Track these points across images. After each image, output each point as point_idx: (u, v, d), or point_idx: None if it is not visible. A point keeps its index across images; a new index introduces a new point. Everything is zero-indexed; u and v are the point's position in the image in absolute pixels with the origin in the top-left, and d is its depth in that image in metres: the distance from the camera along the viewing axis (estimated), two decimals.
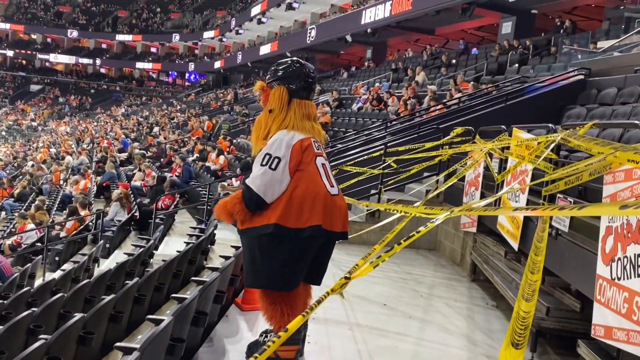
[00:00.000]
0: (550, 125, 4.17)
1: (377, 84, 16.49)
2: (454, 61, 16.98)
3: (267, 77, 3.04)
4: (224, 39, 39.32)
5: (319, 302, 1.36)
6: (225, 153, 13.16)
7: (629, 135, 5.14)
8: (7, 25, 51.16)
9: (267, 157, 2.80)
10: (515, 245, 4.30)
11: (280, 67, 3.01)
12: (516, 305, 1.61)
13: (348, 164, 7.20)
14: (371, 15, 21.37)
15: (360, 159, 7.42)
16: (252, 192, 2.76)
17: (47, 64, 53.20)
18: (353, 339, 3.72)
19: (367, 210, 6.69)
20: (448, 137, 6.88)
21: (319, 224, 2.76)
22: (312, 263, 2.89)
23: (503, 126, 5.26)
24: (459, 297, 5.01)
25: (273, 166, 2.77)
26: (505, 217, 4.50)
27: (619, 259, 2.63)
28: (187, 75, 49.15)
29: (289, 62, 3.05)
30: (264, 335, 3.08)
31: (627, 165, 2.44)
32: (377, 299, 4.67)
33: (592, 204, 0.95)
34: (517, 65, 12.94)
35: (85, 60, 52.16)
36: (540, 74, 11.12)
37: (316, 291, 3.16)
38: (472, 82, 11.43)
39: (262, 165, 2.79)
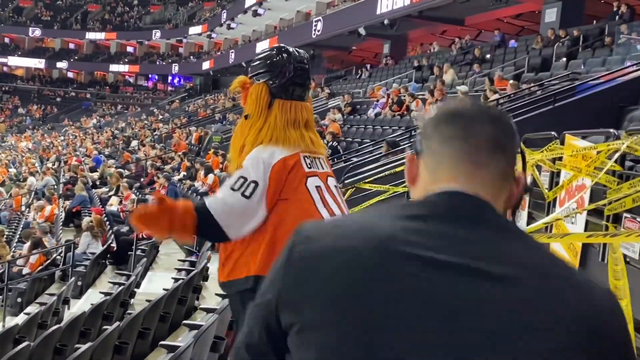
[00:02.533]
0: (611, 130, 4.17)
1: (394, 85, 16.54)
2: (488, 56, 17.04)
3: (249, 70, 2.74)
4: (213, 35, 39.72)
5: None
6: (218, 170, 13.22)
7: None
8: None
9: (241, 180, 2.47)
10: None
11: (261, 58, 2.69)
12: None
13: (365, 181, 7.19)
14: (388, 3, 21.55)
15: (381, 175, 7.42)
16: (213, 221, 2.40)
17: (4, 68, 53.95)
18: None
19: None
20: None
21: None
22: None
23: (553, 132, 5.25)
24: None
25: (247, 193, 2.44)
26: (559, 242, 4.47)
27: None
28: (170, 78, 49.64)
29: (273, 50, 2.71)
30: None
31: None
32: None
33: None
34: (564, 59, 12.97)
35: (49, 64, 52.83)
36: (593, 69, 11.13)
37: None
38: (511, 81, 11.45)
39: (232, 189, 2.46)
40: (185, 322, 4.46)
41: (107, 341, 3.83)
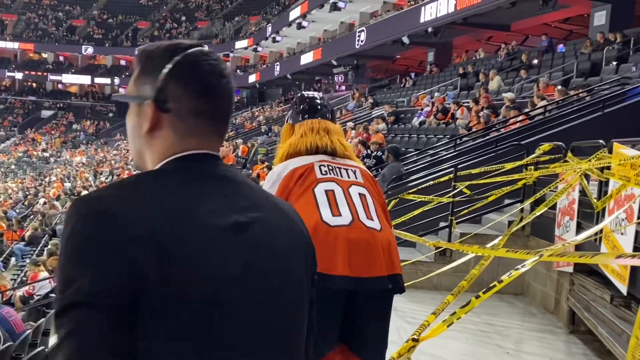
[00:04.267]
0: None
1: (436, 94, 16.41)
2: (535, 61, 16.75)
3: None
4: (259, 49, 40.25)
5: None
6: (263, 182, 13.34)
7: None
8: (16, 45, 54.17)
9: None
10: (623, 288, 4.14)
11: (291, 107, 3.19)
12: (634, 335, 1.55)
13: (409, 191, 7.16)
14: (432, 11, 21.43)
15: (425, 185, 7.37)
16: None
17: (59, 85, 55.86)
18: None
19: (437, 248, 6.61)
20: (533, 155, 6.75)
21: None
22: (348, 324, 2.52)
23: (601, 140, 5.13)
24: (554, 354, 4.85)
25: None
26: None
27: None
28: None
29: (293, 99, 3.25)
30: None
31: None
32: (452, 357, 4.59)
33: None
34: (614, 63, 12.62)
35: (101, 80, 54.42)
36: None
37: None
38: (558, 87, 11.22)
39: None
40: None
41: None
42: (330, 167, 2.75)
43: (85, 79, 54.71)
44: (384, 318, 2.55)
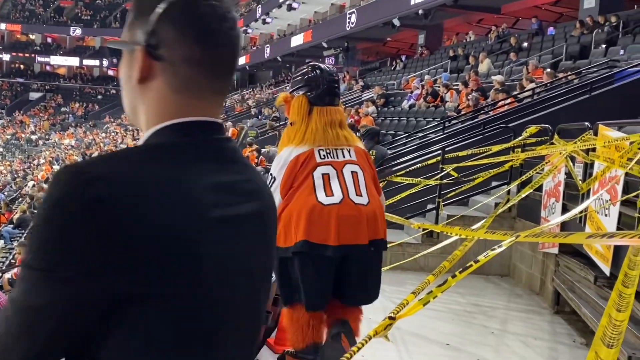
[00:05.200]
0: None
1: (426, 77, 16.39)
2: (525, 44, 16.74)
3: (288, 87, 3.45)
4: (249, 30, 39.92)
5: (359, 348, 1.37)
6: (254, 164, 13.33)
7: None
8: (3, 26, 53.52)
9: (270, 177, 3.24)
10: (606, 269, 4.19)
11: (299, 75, 3.38)
12: (606, 314, 1.58)
13: (398, 174, 7.17)
14: None
15: (413, 167, 7.39)
16: None
17: (47, 67, 55.30)
18: None
19: (424, 229, 6.65)
20: (520, 137, 6.77)
21: (303, 239, 3.08)
22: (350, 280, 3.19)
23: (587, 123, 5.16)
24: (538, 334, 4.91)
25: (272, 187, 3.17)
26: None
27: None
28: None
29: (308, 68, 3.40)
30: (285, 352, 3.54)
31: None
32: (437, 338, 4.63)
33: None
34: (603, 46, 12.65)
35: (90, 62, 53.92)
36: (633, 55, 10.83)
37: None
38: (547, 70, 11.23)
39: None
40: None
41: None
42: (327, 151, 3.19)
43: (74, 61, 54.19)
44: (368, 272, 3.21)
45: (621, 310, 1.44)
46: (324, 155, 3.19)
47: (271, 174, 3.23)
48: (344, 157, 3.21)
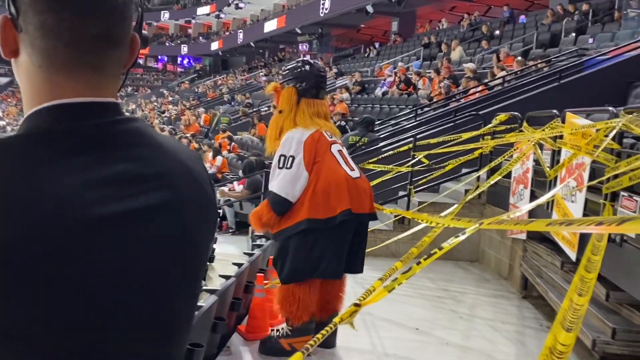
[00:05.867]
0: (610, 108, 4.15)
1: (400, 64, 16.43)
2: (497, 32, 16.86)
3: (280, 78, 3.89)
4: (222, 15, 39.54)
5: (323, 335, 1.38)
6: (226, 152, 13.26)
7: None
8: None
9: (282, 158, 3.51)
10: (572, 255, 4.27)
11: (289, 69, 3.76)
12: (567, 298, 1.61)
13: (370, 161, 7.20)
14: None
15: (385, 154, 7.42)
16: (277, 196, 3.46)
17: None
18: None
19: (395, 216, 6.69)
20: (490, 125, 6.84)
21: (349, 207, 3.46)
22: (349, 251, 3.59)
23: (555, 111, 5.23)
24: (506, 318, 4.99)
25: (289, 165, 3.47)
26: None
27: None
28: (179, 59, 49.56)
29: (299, 62, 3.79)
30: (276, 329, 3.78)
31: None
32: (408, 323, 4.69)
33: (630, 218, 0.96)
34: (573, 34, 12.80)
35: None
36: (602, 44, 10.99)
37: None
38: (517, 58, 11.34)
39: (279, 167, 3.51)
40: None
41: None
42: (329, 133, 3.64)
43: None
44: (365, 242, 3.77)
45: (582, 295, 1.48)
46: (330, 135, 3.62)
47: (283, 155, 3.51)
48: (330, 138, 3.64)
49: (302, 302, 3.57)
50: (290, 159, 3.48)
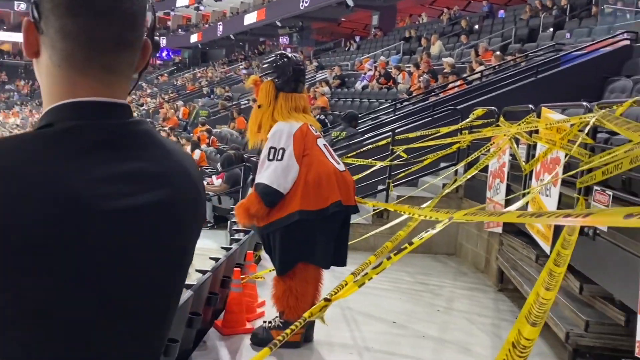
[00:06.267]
0: (584, 103, 4.19)
1: (381, 58, 16.45)
2: (476, 27, 16.95)
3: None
4: (201, 8, 39.26)
5: (292, 330, 1.38)
6: (205, 145, 13.18)
7: None
8: None
9: (272, 150, 3.52)
10: (547, 248, 4.32)
11: (267, 62, 3.78)
12: (534, 292, 1.63)
13: (349, 155, 7.20)
14: None
15: (364, 149, 7.43)
16: (268, 188, 3.48)
17: None
18: None
19: (374, 210, 6.71)
20: (467, 120, 6.88)
21: (339, 199, 3.53)
22: (335, 243, 3.65)
23: (530, 105, 5.27)
24: (482, 311, 5.05)
25: (279, 157, 3.49)
26: None
27: None
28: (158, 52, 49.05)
29: (276, 56, 3.80)
30: (268, 321, 3.82)
31: None
32: (385, 316, 4.71)
33: (597, 211, 0.97)
34: (551, 30, 12.91)
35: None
36: (579, 39, 11.09)
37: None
38: (496, 52, 11.41)
39: (269, 160, 3.52)
40: None
41: None
42: (313, 127, 3.67)
43: (19, 37, 52.08)
44: (348, 235, 3.85)
45: (550, 289, 1.49)
46: (315, 130, 3.67)
47: (273, 148, 3.52)
48: (315, 132, 3.69)
49: (299, 295, 3.64)
50: (281, 151, 3.50)
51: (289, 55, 3.85)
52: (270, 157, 3.52)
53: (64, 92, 0.90)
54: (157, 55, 50.44)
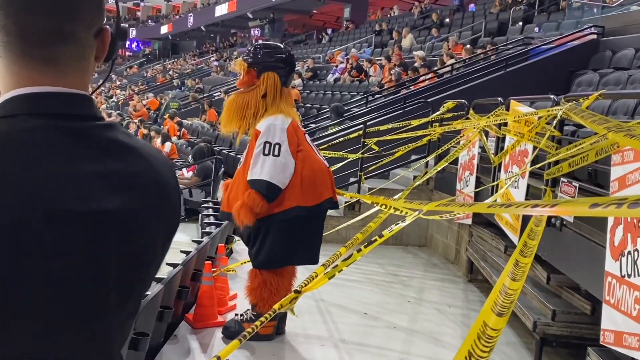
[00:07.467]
0: (552, 96, 4.25)
1: (352, 51, 16.47)
2: (447, 20, 17.05)
3: (248, 57, 3.61)
4: None
5: (262, 322, 1.38)
6: (175, 137, 13.06)
7: None
8: None
9: (267, 145, 3.46)
10: (515, 239, 4.38)
11: (275, 53, 3.67)
12: (499, 282, 1.65)
13: (321, 147, 7.20)
14: None
15: (336, 141, 7.44)
16: (270, 183, 3.44)
17: None
18: (326, 356, 3.77)
19: (346, 202, 6.73)
20: (437, 112, 6.94)
21: (331, 196, 3.60)
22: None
23: (500, 98, 5.33)
24: (452, 302, 5.10)
25: (276, 152, 3.45)
26: None
27: (629, 252, 2.71)
28: (127, 43, 48.40)
29: (282, 49, 3.81)
30: (240, 314, 3.82)
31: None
32: (356, 307, 4.74)
33: (564, 201, 0.98)
34: (520, 23, 13.05)
35: None
36: (547, 33, 11.24)
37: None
38: (466, 46, 11.51)
39: (264, 154, 3.46)
40: None
41: None
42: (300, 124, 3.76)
43: None
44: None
45: (516, 280, 1.51)
46: (302, 126, 3.75)
47: (268, 142, 3.47)
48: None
49: (274, 289, 3.64)
50: (277, 146, 3.46)
51: (289, 51, 3.88)
52: (266, 152, 3.46)
53: (9, 82, 0.89)
54: (127, 46, 49.89)
